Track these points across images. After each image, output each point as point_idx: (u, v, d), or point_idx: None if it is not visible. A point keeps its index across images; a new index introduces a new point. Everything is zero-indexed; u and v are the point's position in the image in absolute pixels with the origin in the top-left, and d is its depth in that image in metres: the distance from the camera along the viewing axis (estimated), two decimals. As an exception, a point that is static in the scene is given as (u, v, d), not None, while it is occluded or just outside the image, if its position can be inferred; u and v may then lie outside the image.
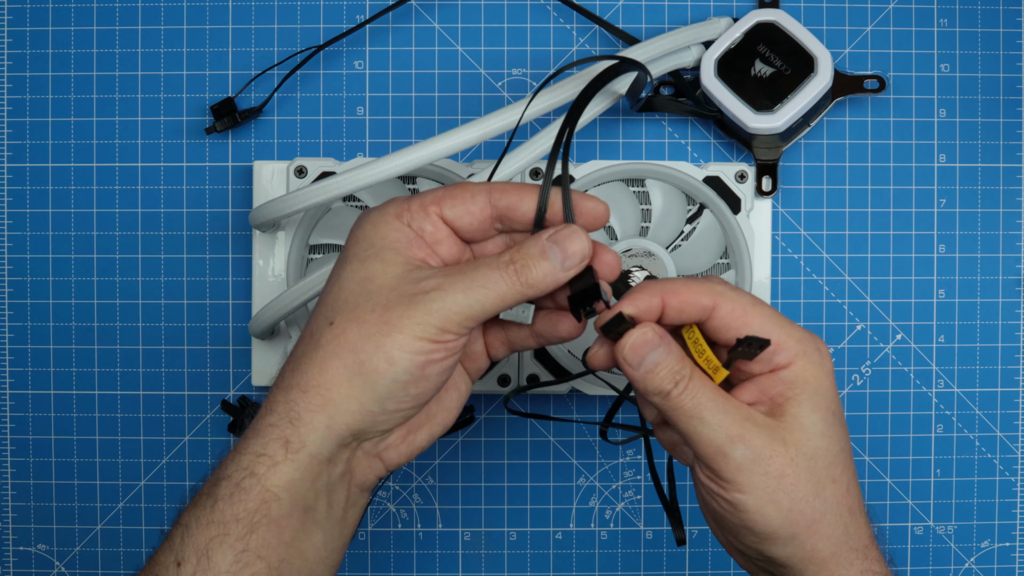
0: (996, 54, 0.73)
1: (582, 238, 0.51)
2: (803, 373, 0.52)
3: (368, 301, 0.50)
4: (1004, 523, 0.73)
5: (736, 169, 0.70)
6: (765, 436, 0.51)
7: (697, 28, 0.70)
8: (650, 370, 0.51)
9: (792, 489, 0.51)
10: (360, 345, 0.50)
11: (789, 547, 0.51)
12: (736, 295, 0.52)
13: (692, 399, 0.51)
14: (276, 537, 0.51)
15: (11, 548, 0.73)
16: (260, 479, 0.50)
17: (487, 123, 0.61)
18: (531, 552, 0.74)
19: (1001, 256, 0.73)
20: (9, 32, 0.73)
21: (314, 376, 0.51)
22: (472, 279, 0.50)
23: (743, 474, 0.50)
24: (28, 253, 0.73)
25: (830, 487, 0.51)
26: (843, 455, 0.52)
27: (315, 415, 0.50)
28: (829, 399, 0.52)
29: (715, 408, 0.51)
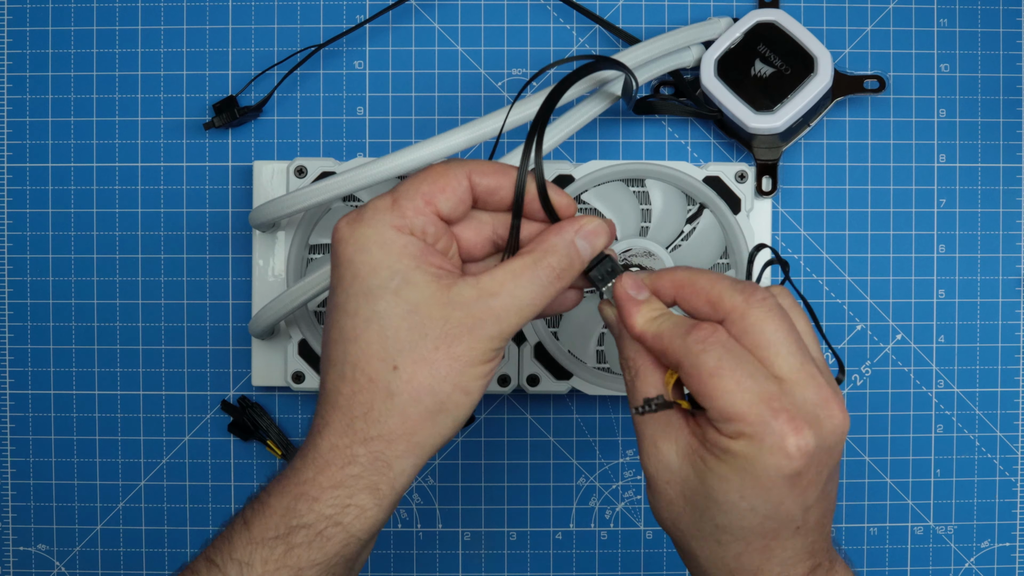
0: (996, 54, 0.73)
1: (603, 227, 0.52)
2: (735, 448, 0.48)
3: (425, 339, 0.50)
4: (1004, 523, 0.73)
5: (736, 169, 0.70)
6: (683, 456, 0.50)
7: (697, 28, 0.70)
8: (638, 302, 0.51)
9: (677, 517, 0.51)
10: (436, 387, 0.50)
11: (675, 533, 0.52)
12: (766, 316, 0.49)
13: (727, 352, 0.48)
14: (346, 570, 0.52)
15: (11, 548, 0.73)
16: (346, 527, 0.50)
17: (487, 123, 0.61)
18: (531, 552, 0.74)
19: (1001, 256, 0.73)
20: (9, 32, 0.73)
21: (397, 425, 0.50)
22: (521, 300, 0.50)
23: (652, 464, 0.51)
24: (28, 253, 0.73)
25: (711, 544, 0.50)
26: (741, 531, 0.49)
27: (405, 460, 0.51)
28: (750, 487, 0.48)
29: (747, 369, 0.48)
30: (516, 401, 0.73)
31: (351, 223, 0.51)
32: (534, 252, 0.51)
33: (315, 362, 0.69)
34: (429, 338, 0.50)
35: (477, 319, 0.50)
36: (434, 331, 0.50)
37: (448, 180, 0.52)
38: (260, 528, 0.50)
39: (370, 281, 0.50)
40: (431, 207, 0.51)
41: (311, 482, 0.51)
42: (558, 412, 0.73)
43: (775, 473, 0.47)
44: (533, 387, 0.70)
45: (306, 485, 0.51)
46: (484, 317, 0.50)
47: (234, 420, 0.72)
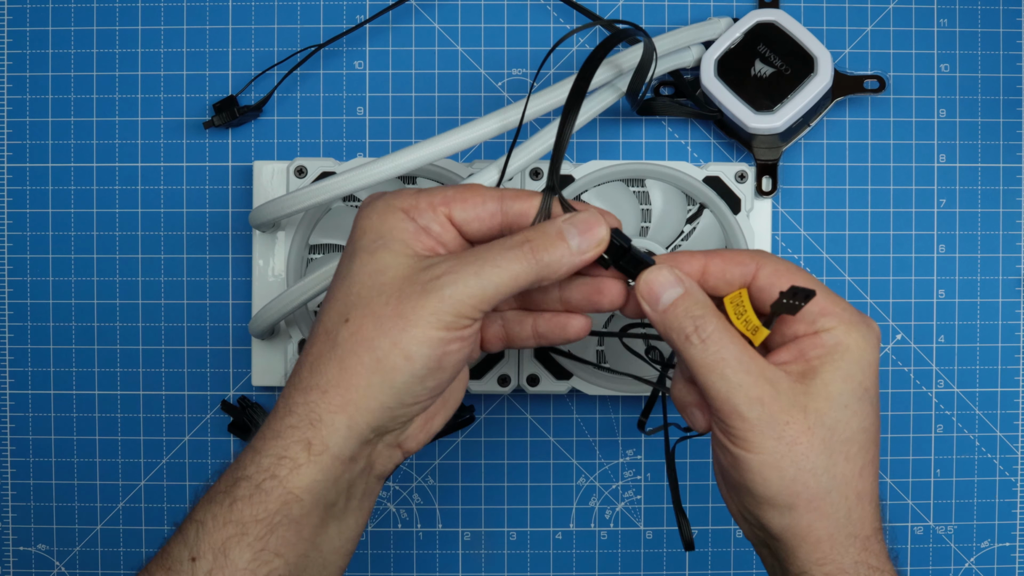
0: (996, 54, 0.73)
1: (600, 224, 0.51)
2: (845, 339, 0.50)
3: (381, 294, 0.50)
4: (1004, 523, 0.73)
5: (736, 169, 0.70)
6: (786, 400, 0.50)
7: (697, 28, 0.70)
8: (667, 308, 0.50)
9: (801, 459, 0.49)
10: (377, 341, 0.49)
11: (785, 518, 0.50)
12: (780, 262, 0.52)
13: (715, 353, 0.50)
14: (296, 535, 0.51)
15: (11, 548, 0.73)
16: (282, 481, 0.50)
17: (487, 123, 0.61)
18: (531, 552, 0.74)
19: (1001, 256, 0.73)
20: (9, 32, 0.73)
21: (333, 376, 0.50)
22: (484, 259, 0.49)
23: (755, 434, 0.49)
24: (28, 253, 0.73)
25: (842, 464, 0.50)
26: (864, 435, 0.50)
27: (336, 416, 0.50)
28: (866, 375, 0.51)
29: (738, 365, 0.50)
30: (516, 401, 0.73)
31: (374, 196, 0.52)
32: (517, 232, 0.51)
33: (315, 362, 0.69)
34: (384, 295, 0.49)
35: (433, 277, 0.49)
36: (391, 289, 0.49)
37: (474, 195, 0.52)
38: (215, 486, 0.51)
39: (358, 242, 0.51)
40: (445, 208, 0.51)
41: (259, 434, 0.51)
42: (558, 412, 0.73)
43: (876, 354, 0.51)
44: (533, 387, 0.70)
45: (255, 438, 0.51)
46: (440, 274, 0.49)
47: (234, 420, 0.72)
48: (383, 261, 0.50)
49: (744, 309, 0.51)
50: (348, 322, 0.50)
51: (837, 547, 0.50)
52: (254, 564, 0.50)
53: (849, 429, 0.50)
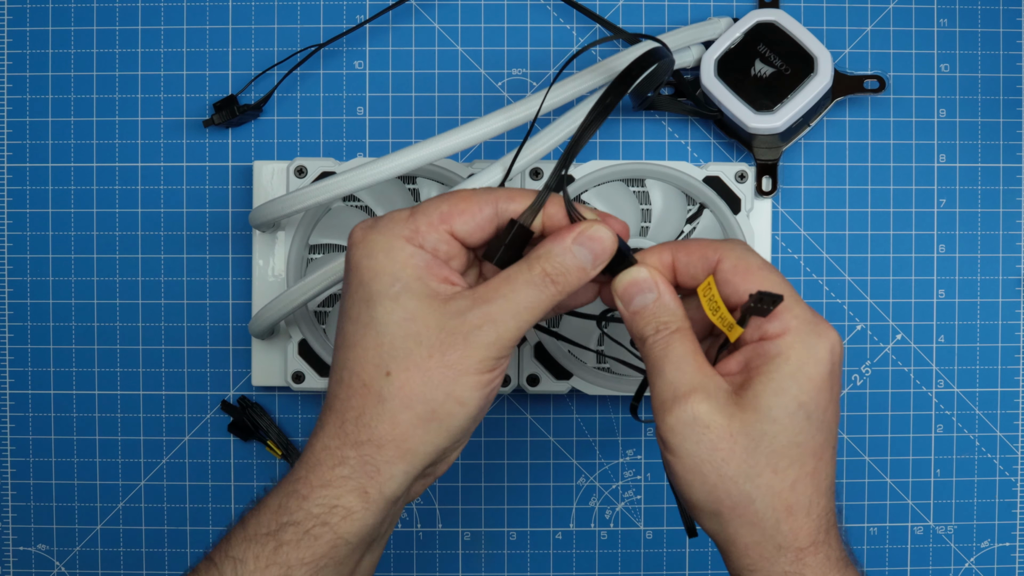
0: (996, 54, 0.73)
1: (607, 236, 0.51)
2: (786, 350, 0.50)
3: (420, 346, 0.50)
4: (1004, 523, 0.73)
5: (736, 169, 0.70)
6: (712, 404, 0.49)
7: (697, 28, 0.70)
8: (636, 311, 0.52)
9: (722, 465, 0.49)
10: (429, 395, 0.50)
11: (713, 523, 0.51)
12: (745, 253, 0.52)
13: (661, 350, 0.50)
14: (336, 573, 0.51)
15: (11, 548, 0.73)
16: (333, 528, 0.50)
17: (487, 123, 0.61)
18: (531, 552, 0.74)
19: (1001, 256, 0.73)
20: (9, 32, 0.73)
21: (386, 431, 0.50)
22: (516, 303, 0.50)
23: (675, 436, 0.49)
24: (28, 253, 0.73)
25: (768, 475, 0.49)
26: (797, 449, 0.50)
27: (394, 466, 0.50)
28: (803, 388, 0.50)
29: (677, 364, 0.50)
30: (516, 401, 0.73)
31: (365, 229, 0.51)
32: (530, 258, 0.51)
33: (315, 362, 0.69)
34: (424, 345, 0.50)
35: (472, 326, 0.50)
36: (429, 338, 0.50)
37: (470, 204, 0.52)
38: (254, 525, 0.51)
39: (372, 287, 0.50)
40: (446, 226, 0.51)
41: (303, 480, 0.51)
42: (558, 412, 0.73)
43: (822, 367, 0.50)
44: (533, 387, 0.70)
45: (298, 483, 0.51)
46: (479, 324, 0.50)
47: (234, 420, 0.72)
48: (409, 308, 0.50)
49: (717, 305, 0.52)
50: (390, 375, 0.50)
51: (765, 556, 0.50)
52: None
53: (777, 443, 0.49)
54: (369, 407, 0.50)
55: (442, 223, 0.51)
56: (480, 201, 0.52)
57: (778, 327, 0.50)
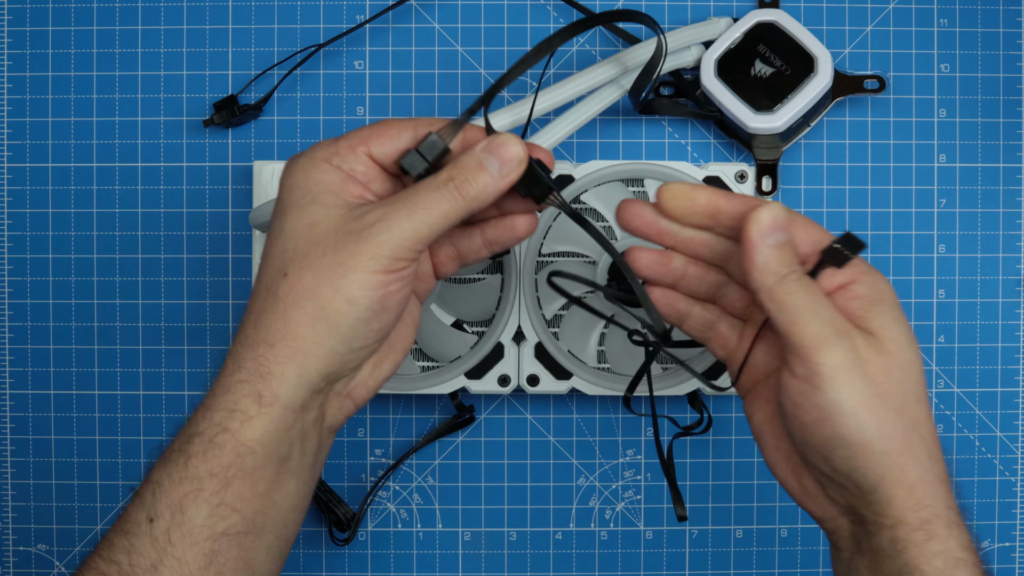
0: (996, 54, 0.73)
1: (515, 143, 0.51)
2: (875, 287, 0.51)
3: (317, 247, 0.50)
4: (1004, 523, 0.73)
5: (736, 169, 0.70)
6: (863, 341, 0.50)
7: (697, 28, 0.70)
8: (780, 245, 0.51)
9: (886, 399, 0.49)
10: (318, 291, 0.50)
11: (881, 465, 0.50)
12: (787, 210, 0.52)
13: (805, 289, 0.50)
14: (251, 490, 0.51)
15: (11, 548, 0.73)
16: (234, 434, 0.50)
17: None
18: (531, 552, 0.74)
19: (1001, 256, 0.73)
20: (9, 32, 0.73)
21: (278, 329, 0.51)
22: (415, 203, 0.50)
23: (843, 372, 0.49)
24: (28, 253, 0.73)
25: (916, 407, 0.51)
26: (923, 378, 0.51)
27: (285, 367, 0.51)
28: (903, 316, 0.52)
29: (827, 306, 0.50)
30: (516, 401, 0.73)
31: (295, 155, 0.53)
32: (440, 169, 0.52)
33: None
34: (320, 247, 0.50)
35: (367, 224, 0.50)
36: (326, 240, 0.50)
37: (388, 128, 0.53)
38: (169, 448, 0.51)
39: (287, 200, 0.52)
40: (363, 148, 0.52)
41: (209, 392, 0.52)
42: (558, 412, 0.73)
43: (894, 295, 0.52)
44: (533, 387, 0.70)
45: (206, 396, 0.52)
46: (373, 222, 0.50)
47: None
48: (315, 215, 0.51)
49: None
50: (287, 276, 0.51)
51: (930, 490, 0.50)
52: (211, 520, 0.50)
53: (914, 371, 0.51)
54: (267, 308, 0.51)
55: (361, 145, 0.52)
56: (400, 127, 0.53)
57: (852, 272, 0.52)
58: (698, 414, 0.70)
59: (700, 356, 0.70)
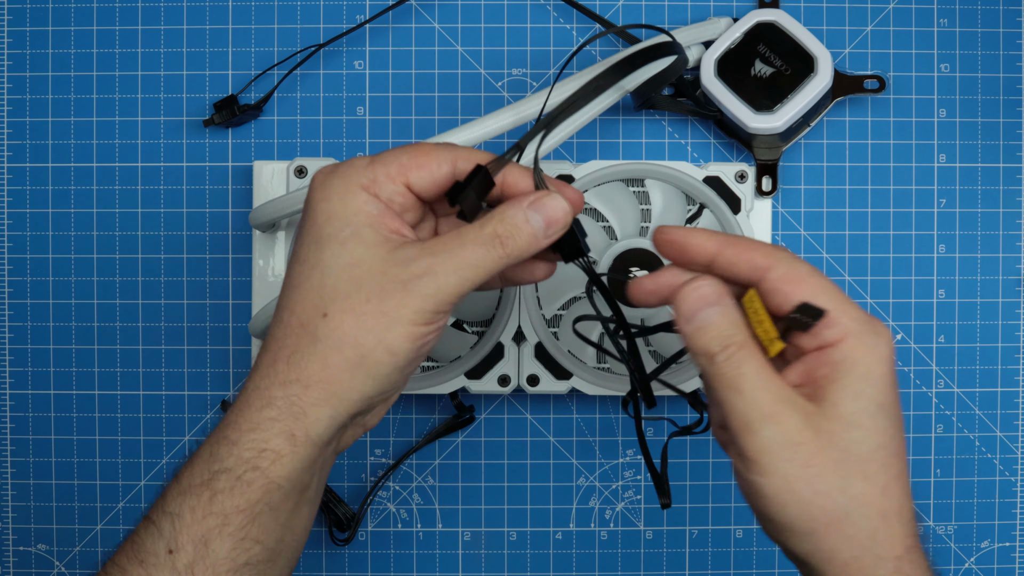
0: (996, 54, 0.73)
1: (562, 204, 0.51)
2: (852, 354, 0.49)
3: (360, 290, 0.50)
4: (1004, 523, 0.73)
5: (736, 169, 0.70)
6: (799, 420, 0.48)
7: (697, 28, 0.70)
8: (701, 327, 0.49)
9: (815, 480, 0.48)
10: (361, 339, 0.49)
11: (807, 543, 0.49)
12: (794, 262, 0.50)
13: (735, 368, 0.48)
14: (274, 521, 0.51)
15: (11, 548, 0.73)
16: (264, 472, 0.50)
17: (487, 123, 0.61)
18: (531, 552, 0.74)
19: (1001, 256, 0.73)
20: (9, 32, 0.73)
21: (316, 371, 0.50)
22: (461, 258, 0.50)
23: (767, 456, 0.48)
24: (28, 253, 0.73)
25: (859, 484, 0.48)
26: (883, 452, 0.49)
27: (320, 409, 0.50)
28: (878, 388, 0.49)
29: (756, 382, 0.48)
30: (516, 401, 0.73)
31: (326, 174, 0.51)
32: (483, 218, 0.51)
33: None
34: (363, 290, 0.49)
35: (413, 275, 0.49)
36: (370, 284, 0.50)
37: (429, 159, 0.51)
38: (187, 477, 0.51)
39: (324, 229, 0.50)
40: (403, 178, 0.51)
41: (232, 425, 0.51)
42: (558, 412, 0.73)
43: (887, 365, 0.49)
44: (533, 387, 0.70)
45: (228, 429, 0.51)
46: (420, 274, 0.49)
47: None
48: (356, 253, 0.50)
49: (762, 318, 0.50)
50: (327, 317, 0.50)
51: (865, 570, 0.48)
52: (235, 552, 0.50)
53: (865, 448, 0.48)
54: (302, 346, 0.50)
55: (400, 175, 0.51)
56: (439, 157, 0.51)
57: (838, 332, 0.49)
58: (698, 414, 0.70)
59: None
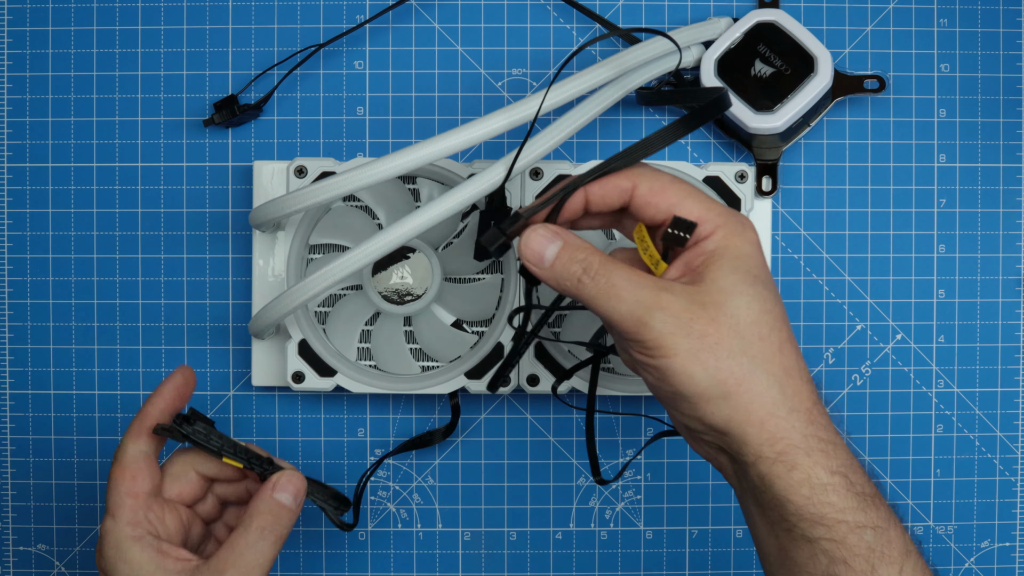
0: (996, 54, 0.73)
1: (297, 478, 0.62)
2: (722, 241, 0.53)
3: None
4: (1004, 523, 0.73)
5: (736, 169, 0.70)
6: (683, 301, 0.52)
7: (697, 28, 0.70)
8: (552, 263, 0.54)
9: (716, 347, 0.51)
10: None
11: (724, 408, 0.52)
12: (655, 175, 0.55)
13: (605, 280, 0.53)
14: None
15: (11, 548, 0.73)
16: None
17: (488, 123, 0.61)
18: (531, 552, 0.74)
19: (1001, 256, 0.73)
20: (9, 32, 0.73)
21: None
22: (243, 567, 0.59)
23: (667, 338, 0.51)
24: (28, 253, 0.73)
25: (757, 345, 0.52)
26: (769, 316, 0.52)
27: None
28: (750, 264, 0.53)
29: (629, 284, 0.52)
30: (516, 401, 0.73)
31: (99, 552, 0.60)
32: (245, 520, 0.60)
33: (315, 362, 0.69)
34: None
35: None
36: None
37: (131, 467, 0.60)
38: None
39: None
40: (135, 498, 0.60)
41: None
42: (558, 412, 0.73)
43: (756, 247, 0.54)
44: (533, 387, 0.70)
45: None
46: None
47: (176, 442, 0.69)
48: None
49: (647, 244, 0.55)
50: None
51: (782, 423, 0.52)
52: None
53: (751, 313, 0.52)
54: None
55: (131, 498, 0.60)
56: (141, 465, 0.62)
57: (708, 228, 0.54)
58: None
59: None
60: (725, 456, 0.54)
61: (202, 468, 0.63)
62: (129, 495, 0.60)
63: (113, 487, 0.60)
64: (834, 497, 0.51)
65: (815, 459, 0.51)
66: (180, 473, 0.63)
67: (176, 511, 0.62)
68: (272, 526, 0.60)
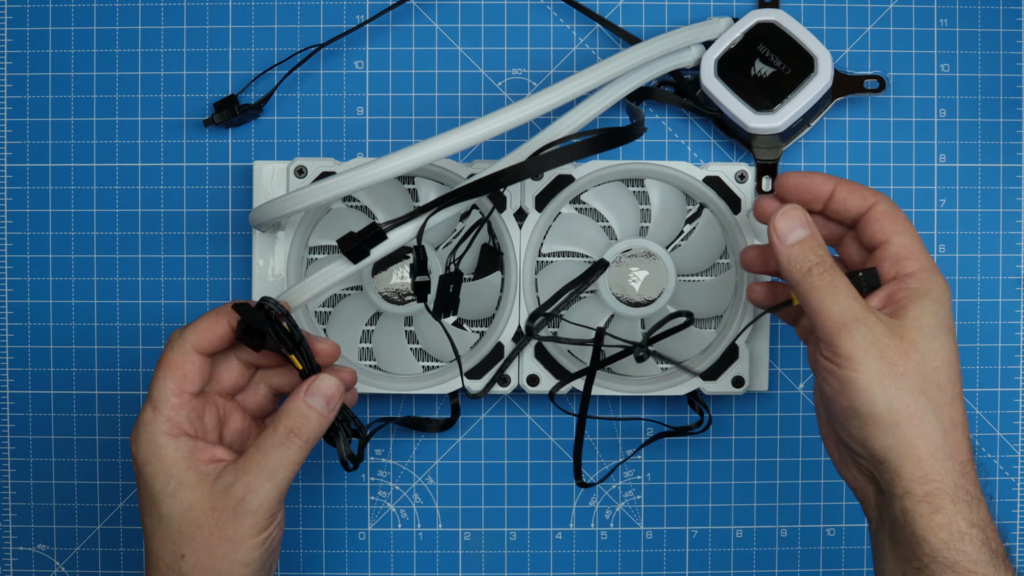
0: (996, 54, 0.73)
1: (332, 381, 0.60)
2: (927, 283, 0.57)
3: (201, 529, 0.58)
4: (1004, 523, 0.73)
5: (736, 169, 0.70)
6: (885, 327, 0.55)
7: (697, 28, 0.70)
8: (794, 244, 0.58)
9: (900, 378, 0.54)
10: (217, 565, 0.59)
11: (889, 437, 0.54)
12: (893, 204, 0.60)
13: (830, 280, 0.56)
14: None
15: (11, 548, 0.73)
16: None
17: (487, 123, 0.61)
18: (531, 552, 0.74)
19: (1001, 256, 0.73)
20: (9, 32, 0.73)
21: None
22: (269, 466, 0.59)
23: (860, 352, 0.55)
24: (28, 253, 0.73)
25: (936, 389, 0.55)
26: (950, 368, 0.56)
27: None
28: (945, 315, 0.57)
29: (847, 293, 0.56)
30: (516, 401, 0.73)
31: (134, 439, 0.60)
32: (275, 421, 0.60)
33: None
34: (204, 528, 0.58)
35: (237, 499, 0.58)
36: (207, 521, 0.58)
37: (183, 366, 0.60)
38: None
39: (153, 488, 0.59)
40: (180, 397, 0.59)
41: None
42: (558, 412, 0.73)
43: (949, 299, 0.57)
44: (533, 387, 0.70)
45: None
46: (242, 495, 0.58)
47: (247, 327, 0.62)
48: (186, 499, 0.58)
49: None
50: (185, 557, 0.59)
51: (937, 466, 0.54)
52: None
53: (938, 359, 0.55)
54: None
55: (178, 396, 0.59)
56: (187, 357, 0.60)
57: (915, 265, 0.58)
58: (697, 415, 0.70)
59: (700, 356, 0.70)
60: (872, 487, 0.57)
61: (244, 354, 0.62)
62: (176, 393, 0.59)
63: (161, 378, 0.60)
64: (970, 547, 0.54)
65: (959, 508, 0.54)
66: (222, 359, 0.62)
67: (215, 406, 0.62)
68: (300, 429, 0.59)
